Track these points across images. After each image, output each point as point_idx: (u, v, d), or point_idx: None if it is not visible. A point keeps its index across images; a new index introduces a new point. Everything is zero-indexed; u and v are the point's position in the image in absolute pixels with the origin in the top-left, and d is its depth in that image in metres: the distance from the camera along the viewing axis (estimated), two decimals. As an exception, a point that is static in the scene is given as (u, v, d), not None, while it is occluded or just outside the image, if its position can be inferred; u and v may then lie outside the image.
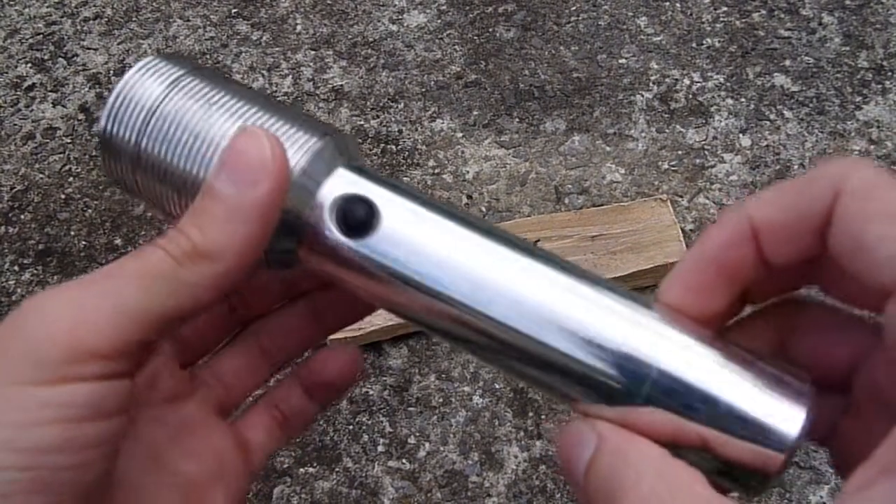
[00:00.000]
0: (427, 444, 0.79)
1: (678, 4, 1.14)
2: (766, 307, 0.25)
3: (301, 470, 0.78)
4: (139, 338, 0.22)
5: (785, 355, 0.24)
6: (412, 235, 0.24)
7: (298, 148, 0.25)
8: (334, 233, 0.25)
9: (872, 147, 0.98)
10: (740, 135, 1.00)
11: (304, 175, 0.25)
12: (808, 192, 0.21)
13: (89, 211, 0.98)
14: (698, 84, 1.05)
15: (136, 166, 0.26)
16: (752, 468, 0.21)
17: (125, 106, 0.26)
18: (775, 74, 1.05)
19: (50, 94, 1.10)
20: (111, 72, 1.12)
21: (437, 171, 0.99)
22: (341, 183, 0.25)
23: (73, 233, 0.96)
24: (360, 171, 0.26)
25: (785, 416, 0.21)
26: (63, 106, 1.08)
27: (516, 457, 0.78)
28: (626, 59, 1.08)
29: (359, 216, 0.24)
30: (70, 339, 0.21)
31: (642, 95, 1.04)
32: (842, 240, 0.21)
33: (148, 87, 0.26)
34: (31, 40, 1.16)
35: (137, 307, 0.22)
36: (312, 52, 1.12)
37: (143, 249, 0.23)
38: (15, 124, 1.07)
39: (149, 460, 0.27)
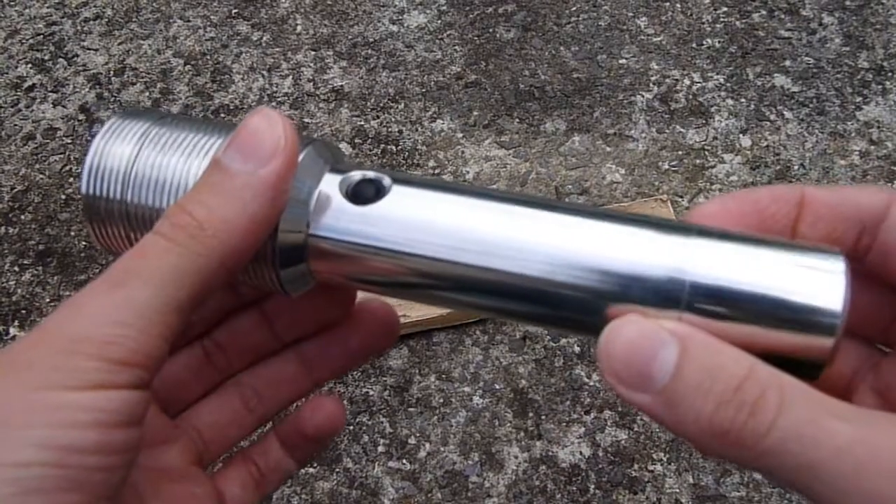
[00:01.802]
0: (427, 445, 0.79)
1: (678, 5, 1.14)
2: None
3: (301, 470, 0.78)
4: (164, 339, 0.22)
5: None
6: (431, 199, 0.25)
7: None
8: (350, 206, 0.25)
9: (872, 147, 0.98)
10: (740, 135, 1.00)
11: (301, 175, 0.25)
12: (865, 192, 0.24)
13: (89, 211, 0.98)
14: (698, 84, 1.05)
15: (127, 222, 0.26)
16: (804, 356, 0.22)
17: (102, 170, 0.26)
18: (775, 75, 1.05)
19: (50, 94, 1.10)
20: (111, 72, 1.12)
21: (437, 171, 0.98)
22: (337, 181, 0.26)
23: (73, 233, 0.96)
24: (348, 169, 0.26)
25: (825, 300, 0.21)
26: (63, 106, 1.08)
27: (516, 457, 0.78)
28: (626, 59, 1.08)
29: (369, 193, 0.25)
30: (103, 352, 0.21)
31: (642, 96, 1.04)
32: (894, 230, 0.24)
33: (118, 147, 0.26)
34: (31, 41, 1.16)
35: (157, 309, 0.22)
36: (313, 53, 1.12)
37: (144, 243, 0.23)
38: (15, 125, 1.07)
39: (134, 500, 0.27)
